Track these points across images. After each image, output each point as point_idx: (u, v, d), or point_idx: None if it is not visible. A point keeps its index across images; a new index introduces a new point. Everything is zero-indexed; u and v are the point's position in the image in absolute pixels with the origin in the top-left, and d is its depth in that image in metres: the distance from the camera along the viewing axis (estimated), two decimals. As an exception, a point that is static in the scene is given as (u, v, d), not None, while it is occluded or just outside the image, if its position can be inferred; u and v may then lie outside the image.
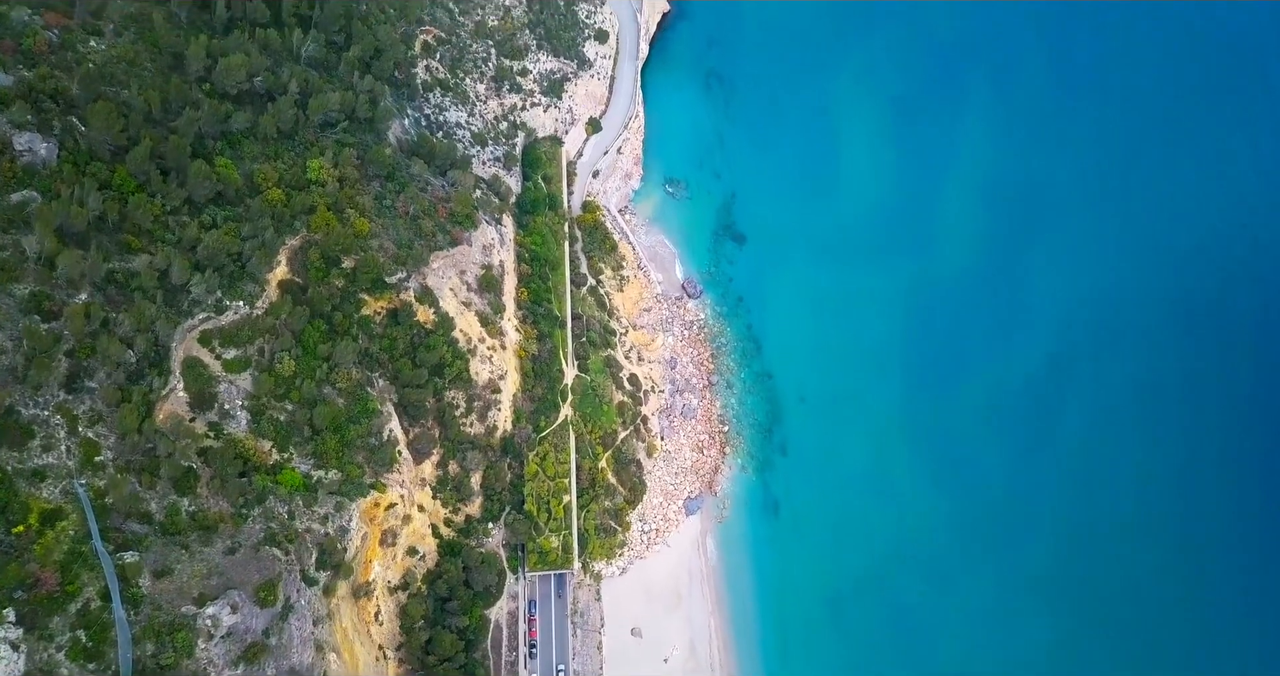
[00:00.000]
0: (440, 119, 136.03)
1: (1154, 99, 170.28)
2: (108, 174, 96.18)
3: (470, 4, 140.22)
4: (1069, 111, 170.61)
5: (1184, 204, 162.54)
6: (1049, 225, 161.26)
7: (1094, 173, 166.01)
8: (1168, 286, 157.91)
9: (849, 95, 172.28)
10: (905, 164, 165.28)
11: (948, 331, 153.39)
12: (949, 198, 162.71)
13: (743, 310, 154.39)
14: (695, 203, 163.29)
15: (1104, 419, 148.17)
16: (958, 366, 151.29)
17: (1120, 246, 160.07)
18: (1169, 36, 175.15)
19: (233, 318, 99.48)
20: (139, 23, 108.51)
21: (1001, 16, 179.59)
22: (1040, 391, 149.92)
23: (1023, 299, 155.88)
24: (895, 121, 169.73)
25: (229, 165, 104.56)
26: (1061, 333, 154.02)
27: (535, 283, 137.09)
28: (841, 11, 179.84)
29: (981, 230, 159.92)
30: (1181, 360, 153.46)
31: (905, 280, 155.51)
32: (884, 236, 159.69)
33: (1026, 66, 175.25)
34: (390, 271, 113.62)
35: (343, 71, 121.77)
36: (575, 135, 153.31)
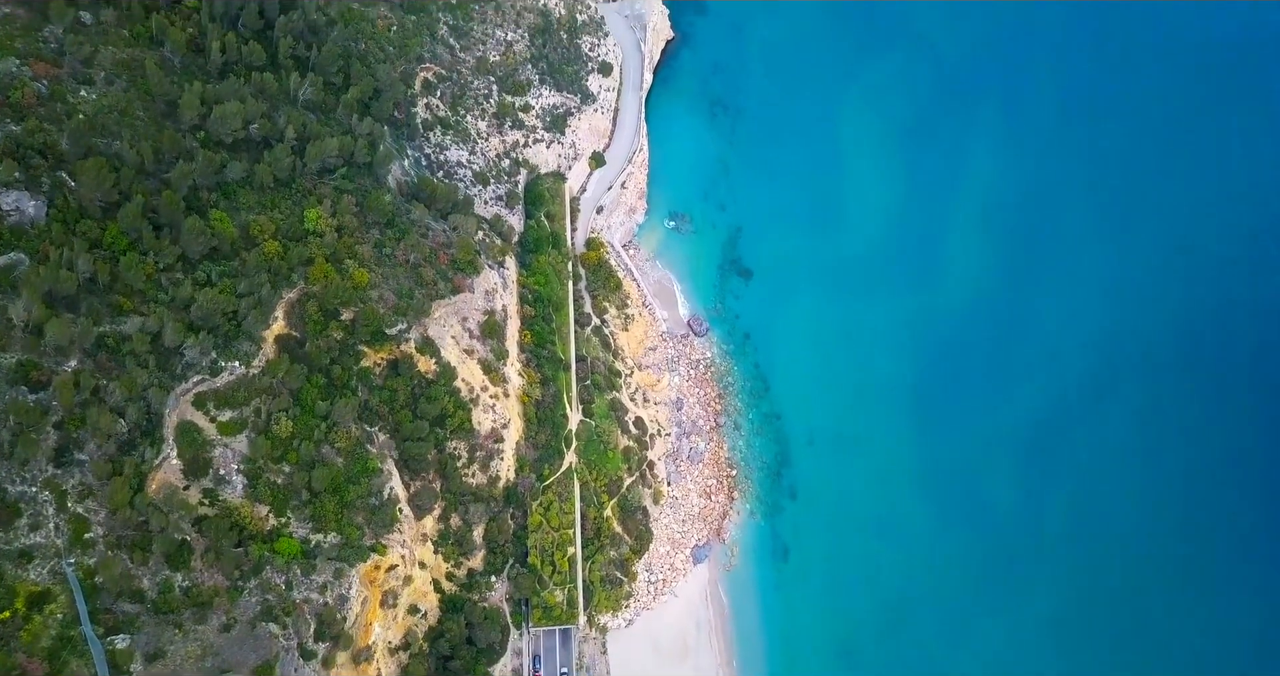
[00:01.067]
0: (441, 158, 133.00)
1: (1168, 130, 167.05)
2: (98, 232, 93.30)
3: (471, 39, 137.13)
4: (1079, 141, 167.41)
5: (1197, 237, 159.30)
6: (1059, 258, 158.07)
7: (1104, 203, 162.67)
8: (1179, 321, 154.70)
9: (856, 123, 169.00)
10: (913, 195, 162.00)
11: (957, 368, 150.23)
12: (957, 230, 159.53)
13: (750, 348, 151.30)
14: (700, 236, 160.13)
15: (1115, 457, 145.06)
16: (967, 404, 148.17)
17: (1132, 279, 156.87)
18: (1183, 67, 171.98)
19: (228, 379, 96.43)
20: (131, 69, 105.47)
21: (1011, 44, 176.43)
22: (1051, 430, 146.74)
23: (1034, 334, 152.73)
24: (903, 151, 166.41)
25: (224, 218, 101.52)
26: (1073, 369, 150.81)
27: (539, 324, 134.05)
28: (848, 37, 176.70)
29: (991, 264, 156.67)
30: (1192, 395, 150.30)
31: (914, 315, 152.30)
32: (892, 270, 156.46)
33: (1036, 97, 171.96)
34: (390, 323, 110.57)
35: (341, 114, 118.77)
36: (578, 170, 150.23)
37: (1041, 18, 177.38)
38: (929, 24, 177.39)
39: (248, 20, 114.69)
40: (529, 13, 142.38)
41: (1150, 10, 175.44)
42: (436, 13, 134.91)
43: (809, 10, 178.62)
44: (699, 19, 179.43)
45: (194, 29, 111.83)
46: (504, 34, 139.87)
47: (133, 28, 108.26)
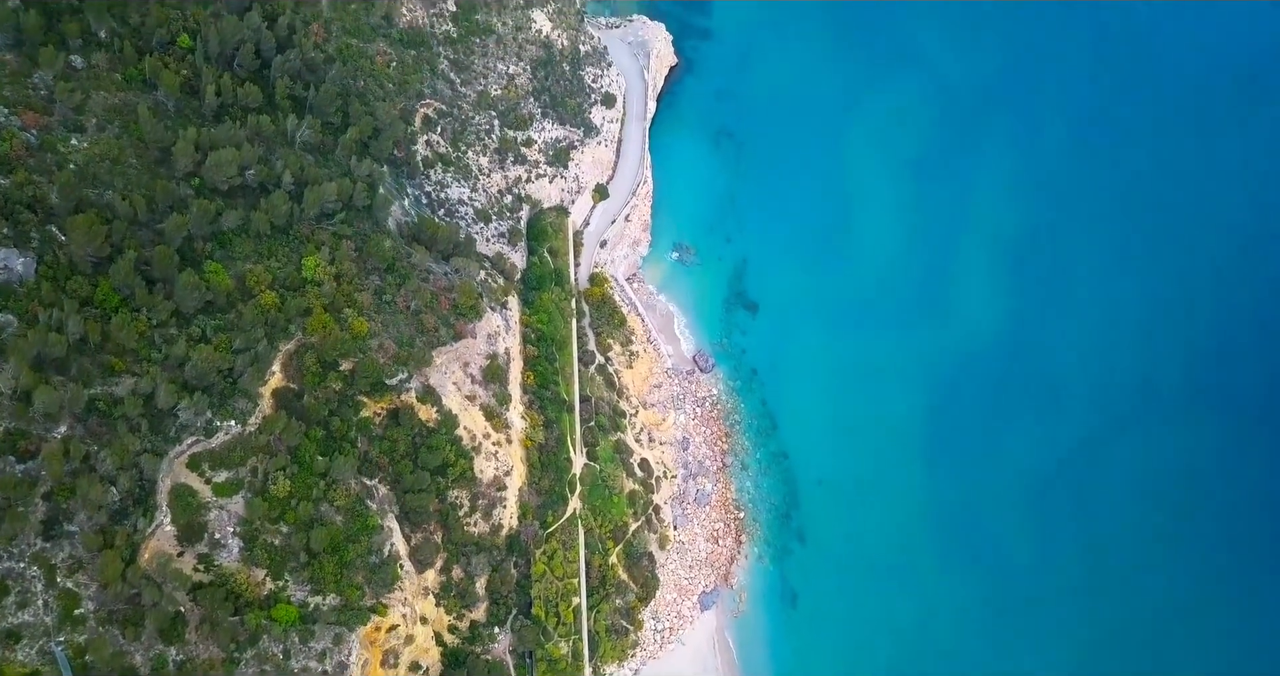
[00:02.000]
0: (442, 196, 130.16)
1: (1180, 160, 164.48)
2: (89, 289, 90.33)
3: (472, 73, 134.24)
4: (1088, 171, 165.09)
5: (1212, 270, 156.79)
6: (1070, 292, 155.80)
7: (1115, 235, 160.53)
8: (1194, 357, 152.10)
9: (862, 152, 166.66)
10: (921, 227, 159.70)
11: (968, 406, 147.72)
12: (966, 264, 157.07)
13: (756, 384, 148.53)
14: (705, 268, 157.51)
15: (1132, 498, 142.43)
16: (980, 443, 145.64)
17: (1145, 314, 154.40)
18: (1196, 95, 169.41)
19: (224, 438, 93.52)
20: (123, 115, 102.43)
21: (1020, 72, 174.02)
22: (1066, 470, 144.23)
23: (1045, 371, 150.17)
24: (910, 182, 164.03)
25: (219, 270, 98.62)
26: (1087, 408, 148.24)
27: (542, 365, 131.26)
28: (855, 63, 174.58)
29: (1001, 298, 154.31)
30: (1208, 433, 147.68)
31: (926, 351, 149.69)
32: (903, 304, 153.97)
33: (1044, 126, 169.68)
34: (391, 373, 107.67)
35: (340, 155, 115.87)
36: (582, 204, 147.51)
37: (1050, 45, 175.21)
38: (936, 51, 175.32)
39: (244, 60, 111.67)
40: (531, 45, 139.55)
41: (1162, 38, 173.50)
42: (437, 47, 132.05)
43: (814, 36, 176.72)
44: (703, 44, 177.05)
45: (188, 71, 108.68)
46: (505, 67, 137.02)
47: (125, 71, 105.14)
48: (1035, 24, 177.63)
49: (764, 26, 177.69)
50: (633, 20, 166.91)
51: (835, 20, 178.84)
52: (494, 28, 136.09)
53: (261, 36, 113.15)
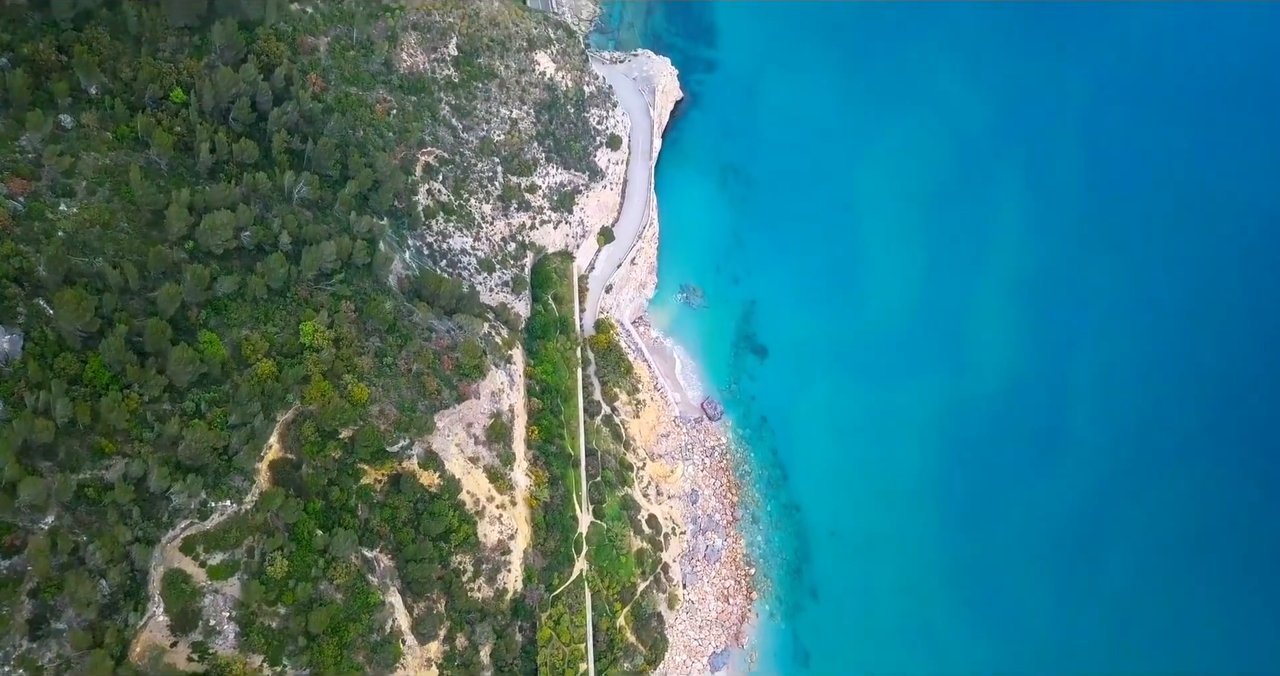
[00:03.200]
0: (444, 247, 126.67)
1: (1202, 196, 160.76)
2: (78, 367, 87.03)
3: (474, 119, 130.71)
4: (1106, 209, 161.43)
5: (1236, 312, 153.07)
6: (1089, 336, 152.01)
7: (1135, 276, 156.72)
8: (1218, 405, 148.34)
9: (873, 191, 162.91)
10: (934, 268, 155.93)
11: (986, 457, 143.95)
12: (981, 307, 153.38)
13: (766, 433, 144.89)
14: (713, 311, 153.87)
15: (1157, 555, 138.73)
16: (998, 495, 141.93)
17: (1166, 359, 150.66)
18: (1214, 128, 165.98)
19: (219, 519, 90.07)
20: (114, 176, 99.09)
21: (1033, 107, 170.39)
22: (1086, 524, 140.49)
23: (1065, 421, 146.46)
24: (922, 221, 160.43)
25: (214, 340, 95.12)
26: (1108, 459, 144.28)
27: (546, 418, 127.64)
28: (865, 98, 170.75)
29: (1016, 343, 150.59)
30: (1235, 485, 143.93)
31: (939, 398, 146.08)
32: (915, 348, 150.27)
33: (1058, 162, 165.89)
34: (392, 440, 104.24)
35: (338, 210, 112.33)
36: (587, 248, 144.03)
37: (1063, 79, 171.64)
38: (947, 85, 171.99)
39: (239, 114, 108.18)
40: (534, 87, 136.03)
41: (1182, 69, 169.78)
42: (438, 92, 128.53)
43: (823, 69, 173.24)
44: (709, 77, 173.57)
45: (181, 127, 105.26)
46: (508, 111, 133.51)
47: (116, 129, 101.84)
48: (1047, 57, 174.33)
49: (771, 59, 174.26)
50: (637, 54, 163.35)
51: (844, 53, 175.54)
52: (496, 71, 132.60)
53: (258, 89, 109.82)
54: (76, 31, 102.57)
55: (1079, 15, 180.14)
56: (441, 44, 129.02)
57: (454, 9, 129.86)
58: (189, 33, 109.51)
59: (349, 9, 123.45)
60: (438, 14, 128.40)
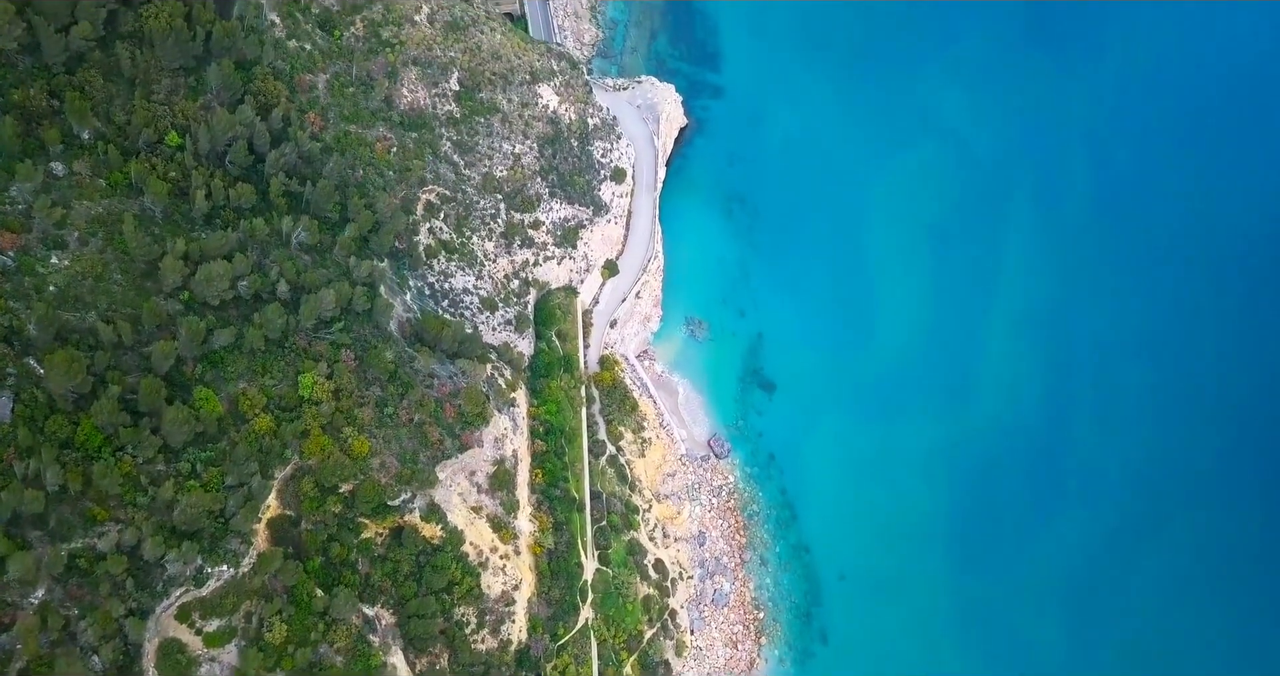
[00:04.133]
0: (446, 286, 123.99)
1: (1215, 235, 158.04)
2: (69, 429, 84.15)
3: (477, 155, 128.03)
4: (1117, 244, 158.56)
5: (1253, 350, 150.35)
6: (1101, 373, 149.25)
7: (1146, 312, 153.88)
8: (1245, 441, 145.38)
9: (881, 222, 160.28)
10: (943, 302, 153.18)
11: (997, 495, 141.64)
12: (991, 342, 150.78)
13: (775, 471, 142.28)
14: (719, 344, 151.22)
15: (1172, 596, 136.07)
16: (1009, 536, 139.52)
17: (1180, 397, 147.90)
18: (1227, 162, 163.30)
19: (215, 585, 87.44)
20: (107, 225, 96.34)
21: (1043, 136, 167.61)
22: (1101, 566, 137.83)
23: (1078, 459, 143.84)
24: (931, 253, 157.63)
25: (210, 397, 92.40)
26: (1123, 498, 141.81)
27: (551, 461, 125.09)
28: (872, 126, 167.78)
29: (1028, 380, 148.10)
30: (1250, 523, 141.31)
31: (948, 434, 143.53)
32: (926, 383, 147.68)
33: (1069, 195, 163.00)
34: (393, 494, 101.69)
35: (338, 254, 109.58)
36: (591, 282, 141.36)
37: (1074, 107, 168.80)
38: (956, 112, 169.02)
39: (236, 158, 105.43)
40: (538, 121, 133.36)
41: (1188, 95, 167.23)
42: (439, 128, 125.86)
43: (830, 94, 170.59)
44: (714, 103, 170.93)
45: (177, 172, 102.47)
46: (511, 146, 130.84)
47: (110, 176, 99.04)
48: (1055, 83, 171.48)
49: (776, 85, 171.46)
50: (641, 81, 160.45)
51: (850, 78, 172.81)
52: (499, 106, 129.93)
53: (255, 131, 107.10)
54: (69, 75, 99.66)
55: (1087, 39, 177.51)
56: (443, 79, 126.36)
57: (455, 43, 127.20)
58: (184, 74, 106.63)
59: (348, 45, 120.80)
60: (438, 48, 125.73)
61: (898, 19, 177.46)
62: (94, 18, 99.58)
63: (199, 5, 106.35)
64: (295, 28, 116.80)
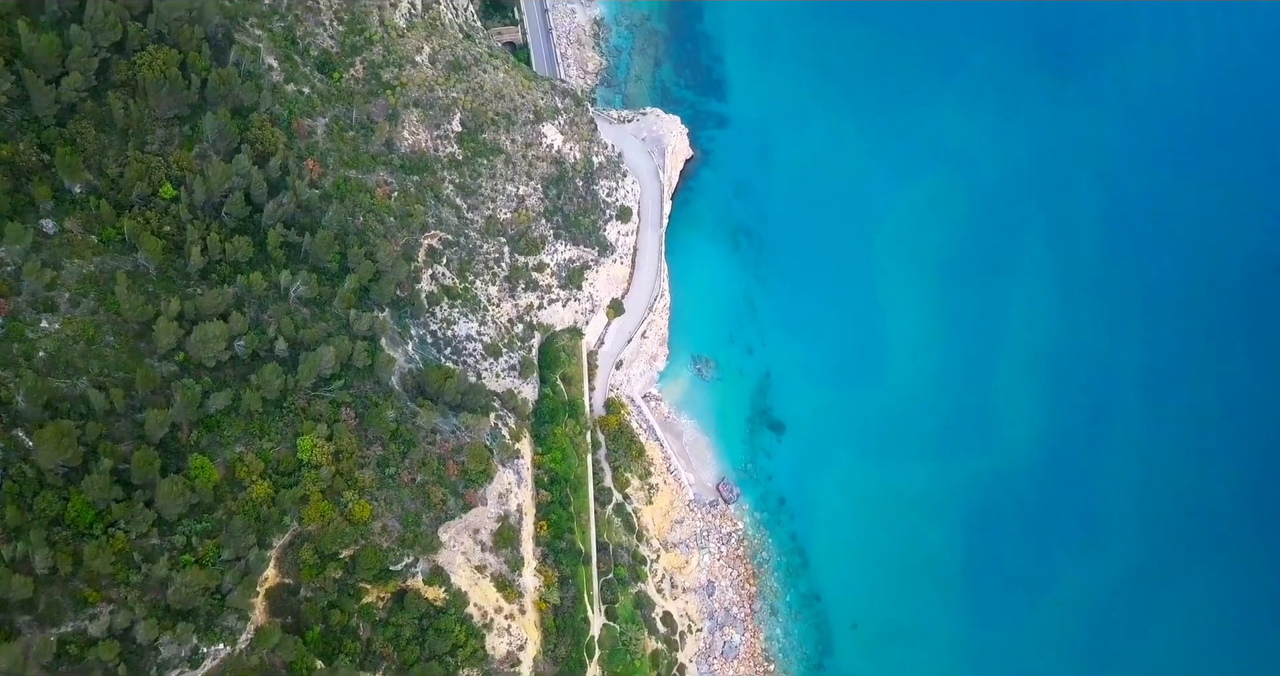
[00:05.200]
0: (448, 334, 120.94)
1: (1233, 266, 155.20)
2: (59, 506, 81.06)
3: (480, 197, 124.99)
4: (1132, 277, 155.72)
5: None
6: (1118, 413, 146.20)
7: (1164, 348, 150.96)
8: (1264, 481, 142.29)
9: (891, 254, 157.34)
10: (955, 338, 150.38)
11: (1013, 540, 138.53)
12: (1007, 377, 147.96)
13: (785, 516, 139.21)
14: (727, 384, 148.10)
15: (1197, 649, 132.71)
16: (1026, 583, 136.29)
17: (1208, 433, 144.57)
18: (1245, 192, 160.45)
19: (211, 665, 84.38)
20: (99, 285, 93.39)
21: (1056, 165, 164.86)
22: (1120, 614, 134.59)
23: (1098, 502, 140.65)
24: (942, 287, 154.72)
25: (206, 465, 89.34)
26: (1144, 543, 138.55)
27: (556, 512, 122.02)
28: (882, 155, 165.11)
29: (1043, 420, 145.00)
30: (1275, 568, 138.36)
31: (963, 477, 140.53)
32: (938, 423, 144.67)
33: (1087, 222, 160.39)
34: (396, 558, 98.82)
35: (338, 306, 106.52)
36: (596, 323, 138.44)
37: (1087, 136, 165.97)
38: (965, 142, 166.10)
39: (232, 209, 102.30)
40: (542, 161, 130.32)
41: (1202, 129, 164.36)
42: (441, 171, 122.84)
43: (838, 124, 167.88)
44: (720, 133, 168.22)
45: (171, 225, 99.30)
46: (515, 188, 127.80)
47: (102, 232, 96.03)
48: (1068, 111, 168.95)
49: (784, 113, 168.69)
50: (646, 113, 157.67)
51: (859, 104, 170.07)
52: (502, 146, 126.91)
53: (252, 181, 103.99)
54: (60, 127, 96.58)
55: (1095, 64, 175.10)
56: (445, 120, 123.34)
57: (458, 83, 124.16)
58: (179, 122, 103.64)
59: (348, 87, 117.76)
60: (440, 89, 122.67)
61: (906, 45, 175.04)
62: (85, 68, 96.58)
63: (193, 52, 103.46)
64: (293, 71, 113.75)
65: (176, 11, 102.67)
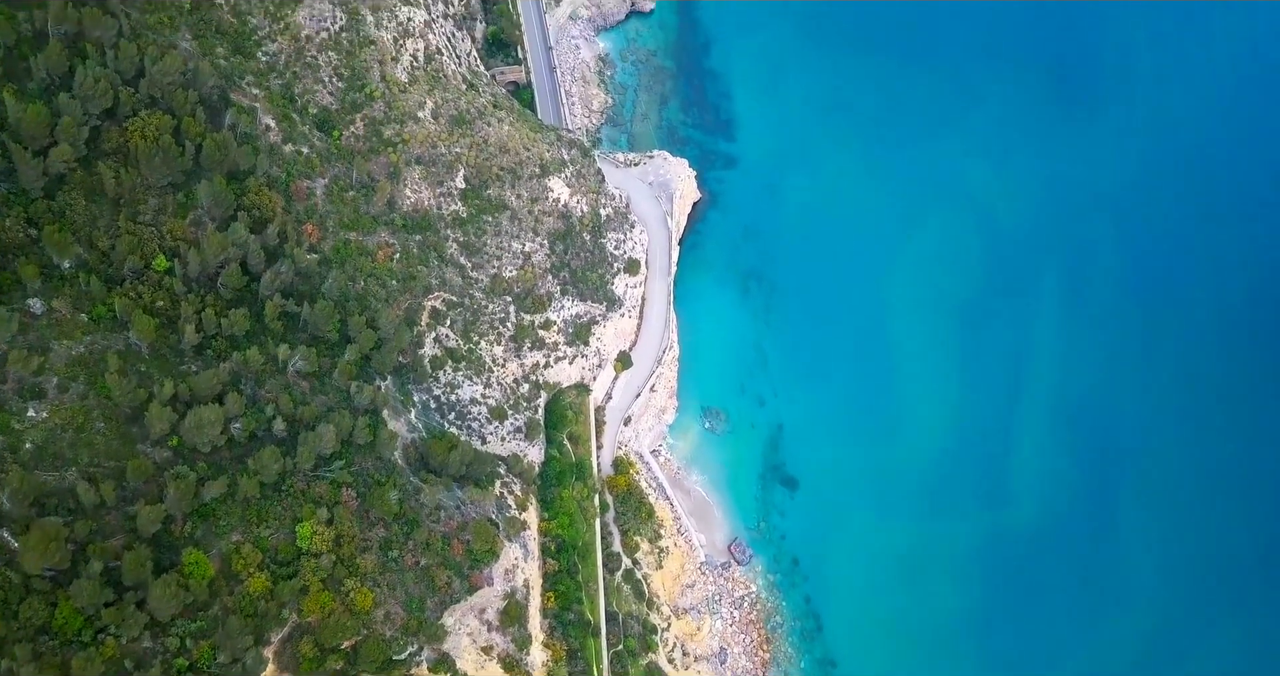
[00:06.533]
0: (452, 398, 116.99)
1: (1257, 301, 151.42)
2: (47, 613, 77.20)
3: (485, 256, 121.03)
4: (1152, 323, 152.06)
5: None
6: (1139, 465, 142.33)
7: (1184, 396, 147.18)
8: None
9: (904, 300, 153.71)
10: (971, 388, 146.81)
11: (1035, 600, 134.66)
12: (1026, 430, 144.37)
13: (799, 577, 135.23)
14: (737, 437, 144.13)
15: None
16: (1046, 642, 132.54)
17: (1232, 492, 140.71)
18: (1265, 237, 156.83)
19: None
20: (89, 367, 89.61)
21: (1069, 202, 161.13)
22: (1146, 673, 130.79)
23: (1117, 557, 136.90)
24: (959, 331, 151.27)
25: (201, 560, 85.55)
26: (1166, 601, 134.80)
27: (564, 582, 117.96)
28: (894, 197, 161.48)
29: (1062, 474, 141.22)
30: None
31: (980, 534, 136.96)
32: (953, 477, 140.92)
33: (1103, 265, 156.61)
34: (399, 647, 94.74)
35: (338, 379, 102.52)
36: (604, 378, 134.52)
37: (1104, 178, 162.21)
38: (981, 183, 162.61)
39: (228, 280, 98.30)
40: (548, 216, 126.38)
41: (1230, 175, 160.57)
42: (445, 229, 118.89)
43: (849, 165, 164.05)
44: (728, 174, 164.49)
45: (165, 300, 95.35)
46: (521, 245, 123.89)
47: (93, 310, 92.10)
48: (1087, 152, 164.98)
49: (793, 154, 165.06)
50: (653, 156, 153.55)
51: (871, 144, 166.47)
52: (507, 202, 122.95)
53: (248, 250, 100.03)
54: (48, 199, 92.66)
55: (1117, 105, 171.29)
56: (448, 177, 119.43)
57: (461, 138, 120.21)
58: (172, 189, 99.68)
59: (348, 145, 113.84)
60: (443, 146, 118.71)
61: (918, 81, 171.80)
62: (75, 138, 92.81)
63: (188, 117, 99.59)
64: (292, 130, 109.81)
65: (170, 76, 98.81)
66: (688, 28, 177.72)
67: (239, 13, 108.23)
